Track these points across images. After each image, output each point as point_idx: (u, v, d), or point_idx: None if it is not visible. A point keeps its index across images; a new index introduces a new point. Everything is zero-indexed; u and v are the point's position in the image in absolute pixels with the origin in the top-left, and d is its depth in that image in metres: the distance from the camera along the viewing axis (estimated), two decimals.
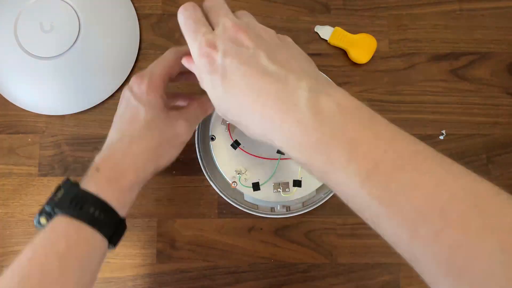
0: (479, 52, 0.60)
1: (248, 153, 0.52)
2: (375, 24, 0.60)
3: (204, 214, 0.57)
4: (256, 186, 0.52)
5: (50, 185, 0.57)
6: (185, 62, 0.42)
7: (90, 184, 0.39)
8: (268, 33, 0.37)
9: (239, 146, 0.52)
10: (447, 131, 0.59)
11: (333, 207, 0.56)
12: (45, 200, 0.39)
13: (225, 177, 0.52)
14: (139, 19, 0.59)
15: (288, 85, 0.33)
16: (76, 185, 0.39)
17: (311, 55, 0.39)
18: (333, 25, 0.60)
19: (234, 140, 0.52)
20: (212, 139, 0.53)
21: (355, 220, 0.56)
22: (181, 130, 0.44)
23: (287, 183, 0.53)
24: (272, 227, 0.57)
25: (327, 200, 0.54)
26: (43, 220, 0.38)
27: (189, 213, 0.57)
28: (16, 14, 0.56)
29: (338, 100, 0.32)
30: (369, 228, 0.32)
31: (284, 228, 0.57)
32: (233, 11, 0.39)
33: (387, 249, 0.47)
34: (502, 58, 0.60)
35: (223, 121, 0.53)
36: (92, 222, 0.37)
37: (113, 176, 0.40)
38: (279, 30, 0.60)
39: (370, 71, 0.59)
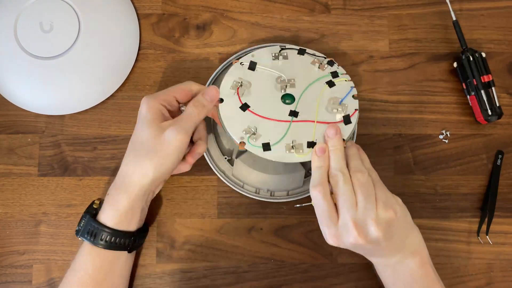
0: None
1: (258, 115, 0.50)
2: (375, 24, 0.60)
3: (204, 214, 0.57)
4: (266, 146, 0.49)
5: (49, 185, 0.57)
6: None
7: (102, 212, 0.49)
8: (382, 230, 0.45)
9: (248, 108, 0.50)
10: (447, 131, 0.59)
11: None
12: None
13: (233, 137, 0.50)
14: (139, 19, 0.59)
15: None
16: (93, 213, 0.50)
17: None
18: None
19: (243, 103, 0.50)
20: (221, 101, 0.50)
21: None
22: (170, 136, 0.47)
23: (301, 144, 0.49)
24: (272, 227, 0.57)
25: None
26: (79, 239, 0.49)
27: (189, 213, 0.57)
28: (16, 14, 0.56)
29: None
30: None
31: (284, 228, 0.57)
32: None
33: None
34: (502, 58, 0.60)
35: (233, 86, 0.51)
36: (108, 246, 0.48)
37: (116, 201, 0.48)
38: (278, 30, 0.60)
39: (370, 71, 0.59)
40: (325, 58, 0.53)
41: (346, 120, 0.50)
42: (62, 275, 0.55)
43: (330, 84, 0.52)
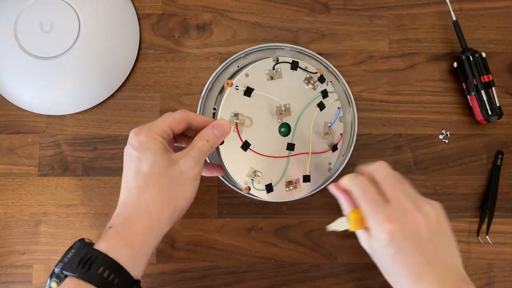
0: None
1: (259, 153, 0.51)
2: (375, 24, 0.60)
3: (204, 214, 0.57)
4: (269, 188, 0.51)
5: (49, 185, 0.57)
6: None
7: (102, 242, 0.38)
8: (435, 213, 0.43)
9: (249, 147, 0.51)
10: (447, 131, 0.59)
11: (332, 207, 0.56)
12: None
13: (239, 183, 0.51)
14: (139, 19, 0.59)
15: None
16: (87, 244, 0.39)
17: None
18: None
19: (244, 141, 0.51)
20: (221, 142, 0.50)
21: None
22: (186, 167, 0.42)
23: (298, 180, 0.52)
24: (272, 227, 0.57)
25: (326, 201, 0.55)
26: (53, 284, 0.37)
27: (189, 213, 0.56)
28: (16, 14, 0.56)
29: None
30: None
31: (284, 228, 0.57)
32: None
33: None
34: (502, 58, 0.60)
35: (231, 120, 0.50)
36: (100, 284, 0.36)
37: (125, 231, 0.39)
38: (278, 30, 0.60)
39: (370, 71, 0.59)
40: (315, 73, 0.53)
41: (334, 148, 0.54)
42: None
43: (321, 106, 0.53)
